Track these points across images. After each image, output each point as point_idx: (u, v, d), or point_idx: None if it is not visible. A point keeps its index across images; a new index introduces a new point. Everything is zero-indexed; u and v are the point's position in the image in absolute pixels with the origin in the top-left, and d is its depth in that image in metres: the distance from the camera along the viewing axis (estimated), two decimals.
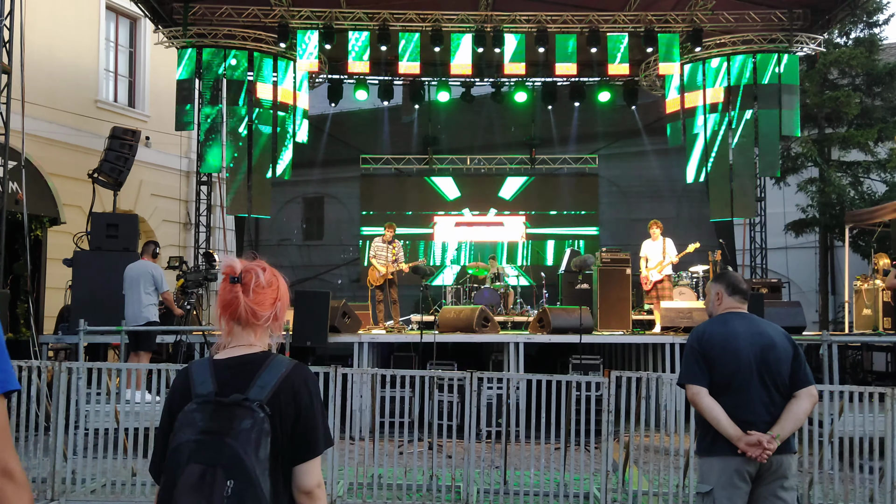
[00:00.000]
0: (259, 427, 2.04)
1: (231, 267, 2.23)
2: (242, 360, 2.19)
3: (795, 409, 3.63)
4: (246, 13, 14.16)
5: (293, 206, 17.93)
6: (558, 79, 15.93)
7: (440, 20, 14.16)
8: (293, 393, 2.13)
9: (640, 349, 10.66)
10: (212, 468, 1.98)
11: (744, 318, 3.81)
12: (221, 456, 1.99)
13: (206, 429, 2.03)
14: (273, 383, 2.12)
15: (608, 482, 6.14)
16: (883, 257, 11.92)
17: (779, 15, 14.32)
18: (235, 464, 1.98)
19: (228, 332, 2.24)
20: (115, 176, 11.16)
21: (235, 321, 2.22)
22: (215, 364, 2.19)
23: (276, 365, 2.17)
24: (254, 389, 2.10)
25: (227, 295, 2.21)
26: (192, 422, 2.05)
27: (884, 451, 5.81)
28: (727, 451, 3.58)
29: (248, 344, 2.23)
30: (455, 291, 13.56)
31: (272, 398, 2.09)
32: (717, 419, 3.58)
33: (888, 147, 16.64)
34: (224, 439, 2.01)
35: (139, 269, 9.08)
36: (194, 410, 2.08)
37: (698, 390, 3.67)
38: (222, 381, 2.13)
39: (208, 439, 2.02)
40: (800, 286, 18.00)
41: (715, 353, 3.69)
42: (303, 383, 2.17)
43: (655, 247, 11.81)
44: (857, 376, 12.09)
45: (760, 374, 3.64)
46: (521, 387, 7.03)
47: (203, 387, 2.13)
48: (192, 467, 1.99)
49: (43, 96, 12.96)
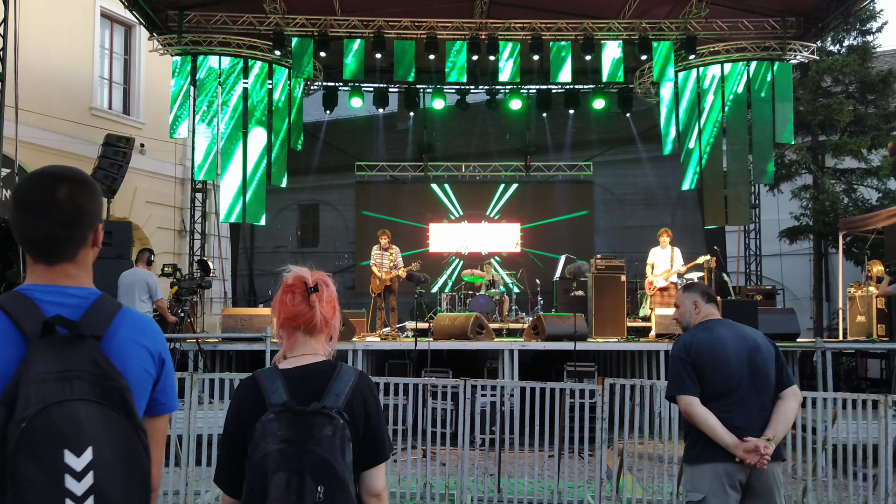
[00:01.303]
0: (341, 433, 2.08)
1: (303, 278, 2.29)
2: (311, 368, 2.23)
3: (784, 409, 3.62)
4: (241, 21, 14.18)
5: (288, 213, 17.92)
6: (553, 86, 15.97)
7: (435, 28, 14.19)
8: (363, 400, 2.19)
9: (634, 356, 10.67)
10: (297, 474, 2.00)
11: (726, 325, 3.81)
12: (308, 462, 2.01)
13: (287, 437, 2.05)
14: (346, 391, 2.17)
15: (602, 490, 6.13)
16: (876, 264, 11.95)
17: (772, 23, 14.39)
18: (325, 470, 2.02)
19: (291, 342, 2.29)
20: (109, 183, 11.15)
21: (304, 331, 2.27)
22: (284, 373, 2.21)
23: (346, 373, 2.23)
24: (329, 397, 2.14)
25: (298, 306, 2.26)
26: (272, 432, 2.06)
27: (877, 458, 5.82)
28: (718, 458, 3.56)
29: (312, 353, 2.28)
30: (450, 298, 13.56)
31: (347, 405, 2.14)
32: (713, 428, 3.56)
33: (881, 154, 16.71)
34: (307, 446, 2.03)
35: (133, 276, 9.07)
36: (272, 420, 2.08)
37: (691, 400, 3.64)
38: (293, 390, 2.15)
39: (291, 448, 2.04)
40: (794, 293, 18.07)
41: (705, 361, 3.66)
42: (370, 391, 2.24)
43: (663, 255, 11.98)
44: (851, 383, 12.11)
45: (752, 378, 3.63)
46: (516, 394, 7.02)
47: (277, 396, 2.14)
48: (279, 476, 2.00)
49: (37, 103, 12.94)
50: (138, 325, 1.86)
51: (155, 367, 1.86)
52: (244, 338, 9.80)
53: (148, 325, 1.90)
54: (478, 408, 7.41)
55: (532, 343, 10.16)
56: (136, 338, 1.83)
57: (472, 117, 17.18)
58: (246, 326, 9.96)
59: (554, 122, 17.27)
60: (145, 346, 1.85)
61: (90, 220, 1.84)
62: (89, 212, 1.84)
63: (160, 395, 1.88)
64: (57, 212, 1.78)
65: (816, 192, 16.66)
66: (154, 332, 1.90)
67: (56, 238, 1.79)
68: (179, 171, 17.06)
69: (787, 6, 14.15)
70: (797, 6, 14.14)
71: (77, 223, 1.81)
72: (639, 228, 16.61)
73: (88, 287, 1.84)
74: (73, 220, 1.81)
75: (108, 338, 1.76)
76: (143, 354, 1.83)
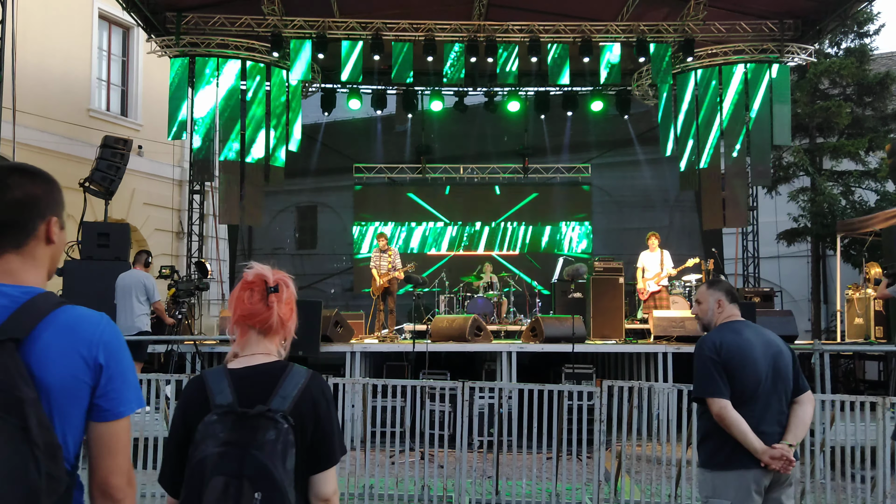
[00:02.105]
0: (284, 438, 2.03)
1: (263, 276, 2.22)
2: (260, 369, 2.17)
3: (802, 414, 3.61)
4: (239, 22, 14.17)
5: (286, 215, 17.91)
6: (551, 88, 15.98)
7: (433, 30, 14.20)
8: (313, 403, 2.13)
9: (632, 358, 10.66)
10: (236, 479, 1.96)
11: (749, 327, 3.75)
12: (247, 467, 1.97)
13: (229, 440, 2.01)
14: (294, 394, 2.11)
15: (600, 492, 6.12)
16: (874, 266, 11.96)
17: (770, 25, 14.40)
18: (263, 475, 1.97)
19: (244, 341, 2.23)
20: (107, 185, 11.13)
21: (259, 330, 2.22)
22: (232, 373, 2.16)
23: (296, 375, 2.16)
24: (276, 400, 2.08)
25: (255, 304, 2.20)
26: (214, 433, 2.02)
27: (875, 460, 5.82)
28: (746, 465, 3.50)
29: (265, 352, 2.22)
30: (448, 300, 13.55)
31: (294, 409, 2.08)
32: (745, 433, 3.49)
33: (879, 156, 16.73)
34: (248, 450, 1.98)
35: (131, 278, 9.05)
36: (215, 422, 2.04)
37: (725, 404, 3.53)
38: (241, 391, 2.10)
39: (232, 451, 1.99)
40: (792, 295, 18.08)
41: (735, 364, 3.58)
42: (321, 393, 2.17)
43: (653, 258, 12.01)
44: (849, 385, 12.11)
45: (775, 383, 3.60)
46: (514, 396, 7.02)
47: (222, 397, 2.09)
48: (217, 479, 1.96)
49: (34, 105, 12.93)
50: (71, 326, 1.76)
51: (90, 372, 1.76)
52: None
53: (85, 327, 1.78)
54: (476, 410, 7.40)
55: (530, 345, 10.16)
56: (65, 341, 1.73)
57: (470, 119, 17.18)
58: None
59: (552, 124, 17.28)
60: (77, 351, 1.74)
61: (40, 209, 1.81)
62: (40, 201, 1.81)
63: (102, 401, 1.78)
64: (6, 195, 1.76)
65: (814, 195, 16.67)
66: (91, 333, 1.78)
67: (1, 222, 1.77)
68: (177, 173, 17.05)
69: (785, 8, 14.17)
70: (795, 9, 14.16)
71: (24, 209, 1.79)
72: (637, 230, 16.58)
73: (30, 285, 1.78)
74: (21, 205, 1.78)
75: (31, 341, 1.69)
76: (71, 359, 1.73)
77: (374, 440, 7.90)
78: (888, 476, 5.77)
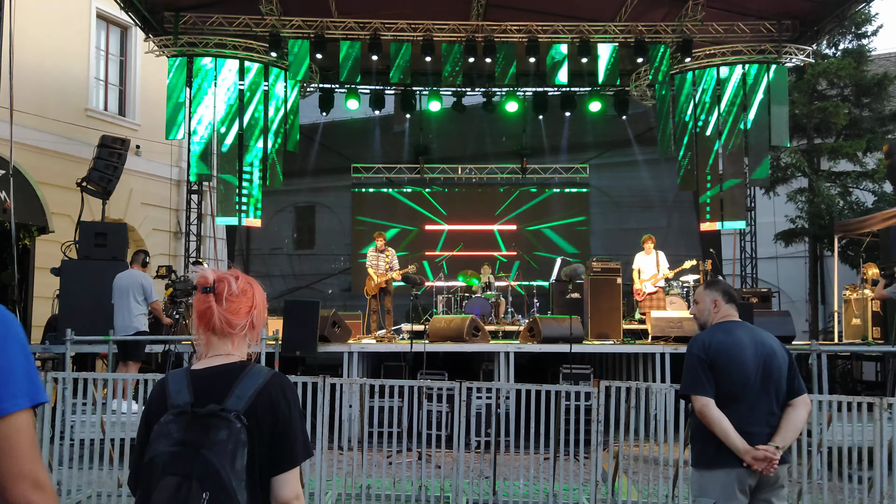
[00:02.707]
0: (235, 438, 2.01)
1: (203, 277, 2.21)
2: (219, 369, 2.17)
3: (794, 418, 3.61)
4: (237, 22, 14.16)
5: (284, 215, 17.90)
6: (549, 88, 15.99)
7: (431, 30, 14.19)
8: (271, 403, 2.11)
9: (630, 359, 10.66)
10: (187, 480, 1.95)
11: (744, 327, 3.77)
12: (197, 468, 1.96)
13: (182, 440, 2.01)
14: (250, 393, 2.09)
15: (598, 492, 6.12)
16: (872, 267, 11.96)
17: (768, 26, 14.42)
18: (211, 476, 1.96)
19: (206, 343, 2.22)
20: (104, 185, 11.11)
21: (211, 331, 2.21)
22: (192, 374, 2.17)
23: (254, 374, 2.15)
24: (231, 399, 2.07)
25: (201, 305, 2.20)
26: (168, 433, 2.03)
27: (872, 460, 5.82)
28: (730, 464, 3.53)
29: (225, 354, 2.21)
30: (446, 300, 13.54)
31: (249, 408, 2.07)
32: (726, 432, 3.53)
33: (876, 157, 16.74)
34: (200, 451, 1.98)
35: (129, 278, 9.04)
36: (170, 422, 2.05)
37: (707, 401, 3.59)
38: (199, 392, 2.10)
39: (184, 451, 1.99)
40: (789, 296, 18.08)
41: (722, 363, 3.62)
42: (280, 393, 2.14)
43: (649, 260, 12.13)
44: (846, 386, 12.12)
45: (765, 383, 3.60)
46: (511, 396, 7.01)
47: (179, 397, 2.10)
48: (168, 479, 1.96)
49: (32, 105, 12.91)
50: None
51: None
52: None
53: None
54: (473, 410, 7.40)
55: (528, 345, 10.16)
56: None
57: (468, 120, 17.17)
58: None
59: (550, 124, 17.29)
60: None
61: None
62: None
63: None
64: None
65: (812, 195, 16.69)
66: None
67: None
68: (175, 173, 17.03)
69: (783, 9, 14.19)
70: (793, 9, 14.18)
71: None
72: (635, 231, 16.58)
73: None
74: None
75: None
76: None
77: (372, 440, 7.90)
78: (885, 477, 5.78)
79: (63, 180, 12.54)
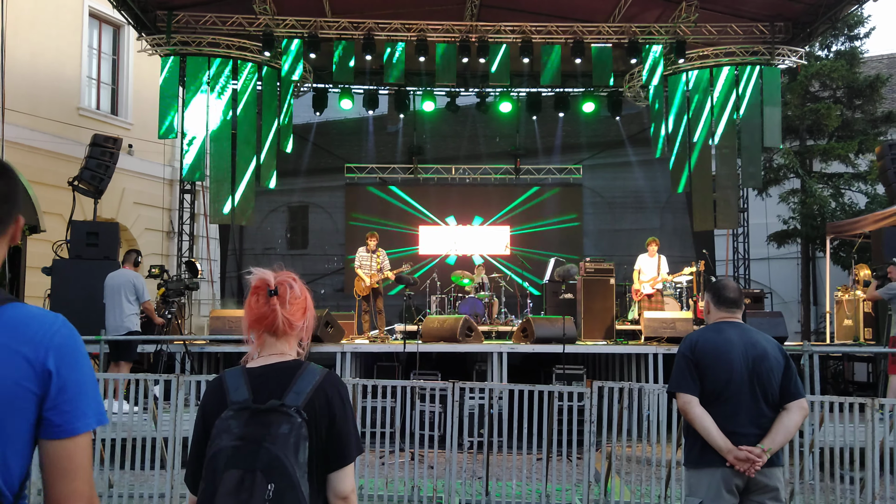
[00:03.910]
0: (297, 432, 2.07)
1: (265, 280, 2.27)
2: (276, 367, 2.23)
3: (786, 421, 3.60)
4: (230, 21, 14.12)
5: (277, 214, 17.87)
6: (543, 89, 16.00)
7: (425, 30, 14.18)
8: (327, 400, 2.17)
9: (623, 359, 10.68)
10: (251, 472, 1.99)
11: (737, 328, 3.77)
12: (260, 460, 2.01)
13: (243, 435, 2.05)
14: (308, 390, 2.16)
15: (590, 493, 6.12)
16: (863, 268, 12.02)
17: (761, 28, 14.46)
18: (276, 467, 2.01)
19: (260, 343, 2.28)
20: (96, 184, 11.08)
21: (270, 333, 2.26)
22: (249, 372, 2.22)
23: (311, 372, 2.21)
24: (290, 395, 2.13)
25: (261, 308, 2.25)
26: (229, 428, 2.07)
27: (864, 461, 5.84)
28: (715, 463, 3.54)
29: (280, 353, 2.27)
30: (439, 301, 13.54)
31: (308, 404, 2.13)
32: (707, 429, 3.55)
33: (868, 159, 16.82)
34: (262, 444, 2.03)
35: (121, 278, 9.00)
36: (230, 417, 2.10)
37: (689, 399, 3.63)
38: (257, 388, 2.16)
39: (245, 445, 2.04)
40: (782, 296, 18.15)
41: (707, 362, 3.64)
42: (336, 391, 2.22)
43: (651, 262, 12.24)
44: (838, 387, 12.17)
45: (752, 385, 3.60)
46: (504, 397, 7.01)
47: (238, 394, 2.15)
48: (231, 473, 2.00)
49: (24, 103, 12.86)
50: (13, 325, 1.54)
51: (36, 379, 1.53)
52: (232, 340, 9.75)
53: (32, 326, 1.56)
54: (466, 410, 7.39)
55: (521, 346, 10.16)
56: (4, 340, 1.52)
57: (461, 120, 17.18)
58: (234, 328, 9.90)
59: (544, 125, 17.30)
60: (20, 353, 1.52)
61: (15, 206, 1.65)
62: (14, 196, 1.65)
63: (52, 415, 1.54)
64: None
65: (804, 197, 16.75)
66: (39, 334, 1.55)
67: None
68: (168, 172, 16.97)
69: (776, 11, 14.23)
70: (786, 11, 14.22)
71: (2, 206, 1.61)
72: (628, 232, 16.65)
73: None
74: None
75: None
76: (15, 362, 1.51)
77: (364, 441, 7.88)
78: (877, 477, 5.80)
79: (55, 179, 12.49)
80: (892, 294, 9.15)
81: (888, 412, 6.16)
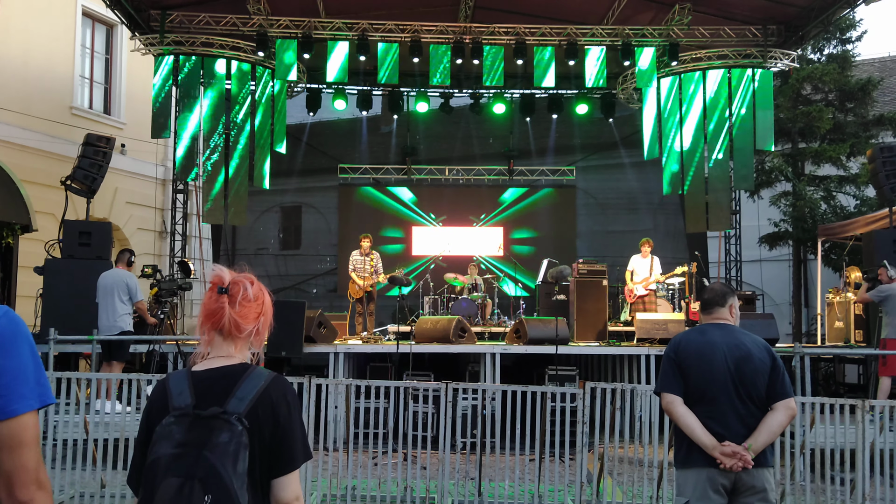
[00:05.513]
0: (237, 440, 2.02)
1: (219, 277, 2.22)
2: (221, 371, 2.17)
3: (770, 421, 3.62)
4: (224, 21, 14.10)
5: (270, 215, 17.84)
6: (536, 91, 16.02)
7: (419, 31, 14.19)
8: (272, 405, 2.12)
9: (615, 360, 10.71)
10: (189, 481, 1.96)
11: (722, 329, 3.80)
12: (199, 469, 1.97)
13: (184, 441, 2.02)
14: (252, 396, 2.10)
15: (583, 493, 6.14)
16: (855, 270, 12.08)
17: (753, 31, 14.52)
18: (213, 477, 1.97)
19: (209, 342, 2.23)
20: (89, 183, 11.05)
21: (217, 331, 2.21)
22: (193, 375, 2.17)
23: (255, 377, 2.16)
24: (232, 402, 2.08)
25: (212, 304, 2.20)
26: (170, 434, 2.04)
27: (855, 462, 5.87)
28: (702, 463, 3.58)
29: (227, 355, 2.22)
30: (432, 302, 13.54)
31: (251, 411, 2.08)
32: (692, 428, 3.59)
33: (860, 162, 16.90)
34: (202, 452, 1.99)
35: (113, 277, 8.98)
36: (172, 423, 2.06)
37: (672, 399, 3.68)
38: (200, 393, 2.11)
39: (186, 452, 2.00)
40: (773, 298, 18.20)
41: (690, 363, 3.70)
42: (282, 396, 2.16)
43: (644, 263, 12.27)
44: (829, 388, 12.22)
45: (735, 385, 3.63)
46: (497, 398, 7.02)
47: (180, 399, 2.11)
48: (170, 480, 1.97)
49: (16, 102, 12.82)
50: None
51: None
52: None
53: None
54: (459, 411, 7.41)
55: (514, 347, 10.17)
56: None
57: (455, 121, 17.18)
58: None
59: (537, 126, 17.33)
60: None
61: None
62: None
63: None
64: None
65: (796, 199, 16.82)
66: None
67: None
68: (160, 172, 16.94)
69: (769, 14, 14.30)
70: (778, 15, 14.29)
71: None
72: (621, 233, 16.68)
73: None
74: None
75: None
76: None
77: (357, 441, 7.88)
78: (867, 478, 5.83)
79: (47, 178, 12.45)
80: (883, 296, 9.21)
81: (878, 414, 6.20)
